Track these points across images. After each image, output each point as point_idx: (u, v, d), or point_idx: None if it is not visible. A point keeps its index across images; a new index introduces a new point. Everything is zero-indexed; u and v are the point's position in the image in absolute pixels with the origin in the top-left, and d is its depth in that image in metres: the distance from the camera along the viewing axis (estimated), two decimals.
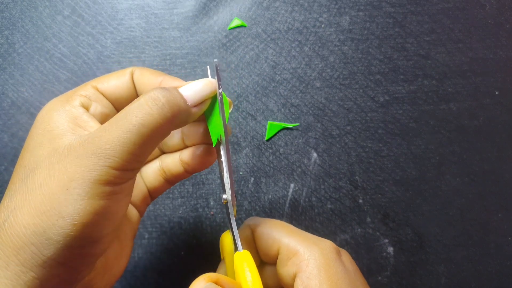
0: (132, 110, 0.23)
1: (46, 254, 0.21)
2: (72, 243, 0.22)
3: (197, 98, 0.26)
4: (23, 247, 0.21)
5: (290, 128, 0.42)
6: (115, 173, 0.22)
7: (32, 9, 0.43)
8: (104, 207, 0.22)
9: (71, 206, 0.21)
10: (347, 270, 0.27)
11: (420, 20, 0.44)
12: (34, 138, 0.24)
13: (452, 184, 0.41)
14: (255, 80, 0.43)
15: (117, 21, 0.43)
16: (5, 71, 0.42)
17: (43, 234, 0.21)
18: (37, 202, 0.22)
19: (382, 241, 0.40)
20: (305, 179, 0.41)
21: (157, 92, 0.23)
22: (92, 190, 0.22)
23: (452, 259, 0.40)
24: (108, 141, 0.22)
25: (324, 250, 0.27)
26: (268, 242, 0.28)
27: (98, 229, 0.22)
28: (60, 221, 0.21)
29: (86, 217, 0.22)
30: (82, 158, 0.22)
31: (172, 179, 0.30)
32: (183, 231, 0.40)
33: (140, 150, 0.23)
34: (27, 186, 0.23)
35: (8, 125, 0.41)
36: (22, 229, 0.22)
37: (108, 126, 0.23)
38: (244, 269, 0.24)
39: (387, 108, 0.42)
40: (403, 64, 0.43)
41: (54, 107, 0.25)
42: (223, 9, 0.44)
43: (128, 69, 0.28)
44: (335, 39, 0.43)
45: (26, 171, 0.23)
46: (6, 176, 0.40)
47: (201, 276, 0.24)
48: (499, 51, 0.43)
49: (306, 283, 0.25)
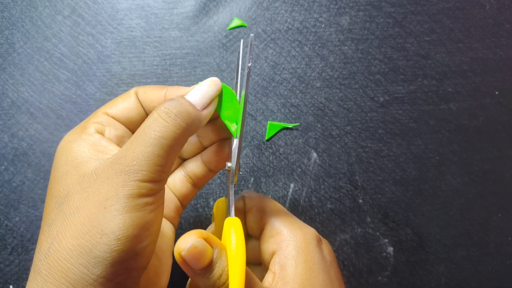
0: (149, 125, 0.24)
1: (95, 272, 0.22)
2: (117, 258, 0.22)
3: (205, 101, 0.26)
4: (72, 269, 0.22)
5: (290, 128, 0.42)
6: (146, 186, 0.23)
7: (32, 9, 0.43)
8: (141, 218, 0.23)
9: (111, 222, 0.22)
10: (324, 258, 0.28)
11: (420, 20, 0.44)
12: (59, 169, 0.25)
13: (452, 184, 0.41)
14: (255, 80, 0.43)
15: (117, 21, 0.43)
16: (5, 71, 0.42)
17: (89, 253, 0.22)
18: (78, 224, 0.23)
19: (382, 241, 0.40)
20: (305, 179, 0.41)
21: (167, 104, 0.25)
22: (128, 205, 0.23)
23: (452, 259, 0.40)
24: (134, 158, 0.23)
25: (306, 235, 0.28)
26: (257, 217, 0.29)
27: (139, 240, 0.23)
28: (104, 238, 0.22)
29: (127, 231, 0.22)
30: (112, 178, 0.23)
31: (199, 182, 0.31)
32: (183, 231, 0.40)
33: (164, 161, 0.24)
34: (64, 213, 0.23)
35: (8, 125, 0.41)
36: (68, 252, 0.22)
37: (130, 145, 0.24)
38: (231, 233, 0.25)
39: (387, 108, 0.42)
40: (403, 64, 0.43)
41: (72, 138, 0.26)
42: (223, 9, 0.44)
43: (131, 90, 0.29)
44: (335, 39, 0.43)
45: (59, 200, 0.24)
46: (6, 176, 0.40)
47: (192, 231, 0.24)
48: (499, 51, 0.44)
49: (283, 262, 0.27)
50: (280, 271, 0.27)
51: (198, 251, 0.24)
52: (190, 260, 0.24)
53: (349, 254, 0.40)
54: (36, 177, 0.40)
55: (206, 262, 0.24)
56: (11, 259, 0.39)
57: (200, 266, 0.24)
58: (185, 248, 0.24)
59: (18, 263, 0.38)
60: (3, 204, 0.39)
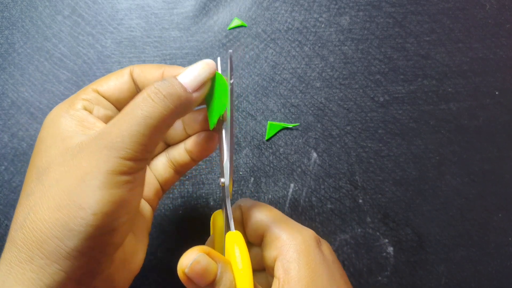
0: (137, 104, 0.24)
1: (69, 245, 0.22)
2: (93, 233, 0.22)
3: (196, 83, 0.26)
4: (47, 241, 0.22)
5: (290, 128, 0.42)
6: (127, 163, 0.23)
7: (32, 9, 0.43)
8: (120, 196, 0.23)
9: (89, 197, 0.22)
10: (326, 258, 0.28)
11: (420, 20, 0.44)
12: (44, 141, 0.25)
13: (452, 184, 0.41)
14: (255, 80, 0.43)
15: (117, 21, 0.43)
16: (5, 71, 0.42)
17: (65, 226, 0.22)
18: (56, 197, 0.23)
19: (382, 241, 0.40)
20: (305, 179, 0.41)
21: (157, 85, 0.24)
22: (107, 181, 0.23)
23: (452, 259, 0.40)
24: (118, 135, 0.23)
25: (305, 237, 0.28)
26: (256, 224, 0.29)
27: (116, 217, 0.23)
28: (81, 212, 0.22)
29: (104, 207, 0.22)
30: (95, 152, 0.23)
31: (181, 169, 0.31)
32: (183, 231, 0.40)
33: (149, 141, 0.24)
34: (43, 184, 0.23)
35: (8, 125, 0.41)
36: (44, 224, 0.22)
37: (116, 121, 0.24)
38: (234, 249, 0.25)
39: (387, 108, 0.42)
40: (403, 64, 0.43)
41: (59, 112, 0.26)
42: (223, 9, 0.44)
43: (126, 69, 0.29)
44: (335, 39, 0.43)
45: (40, 170, 0.24)
46: (6, 176, 0.40)
47: (194, 248, 0.24)
48: (499, 51, 0.43)
49: (286, 266, 0.27)
50: (284, 275, 0.27)
51: (202, 267, 0.23)
52: (194, 276, 0.23)
53: (349, 254, 0.40)
54: None
55: (211, 277, 0.24)
56: None
57: (205, 282, 0.23)
58: (188, 265, 0.23)
59: None
60: (3, 204, 0.39)
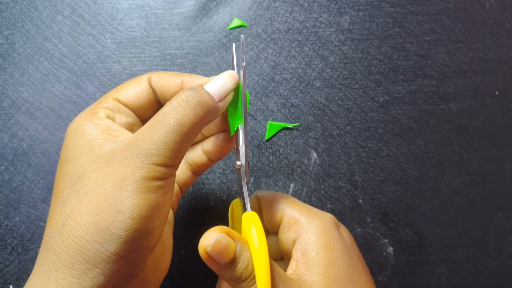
0: (168, 112, 0.25)
1: (109, 249, 0.23)
2: (131, 237, 0.23)
3: (222, 93, 0.27)
4: (86, 246, 0.23)
5: (290, 128, 0.42)
6: (160, 170, 0.24)
7: (32, 9, 0.43)
8: (155, 200, 0.24)
9: (127, 202, 0.23)
10: (344, 240, 0.28)
11: (420, 20, 0.44)
12: (72, 150, 0.26)
13: (452, 184, 0.41)
14: (255, 80, 0.43)
15: (117, 21, 0.43)
16: (5, 71, 0.42)
17: (105, 230, 0.23)
18: (93, 202, 0.23)
19: (382, 241, 0.40)
20: (305, 179, 0.41)
21: (187, 93, 0.25)
22: (143, 186, 0.24)
23: (452, 259, 0.40)
24: (152, 142, 0.24)
25: (324, 220, 0.29)
26: (273, 211, 0.30)
27: (152, 221, 0.24)
28: (120, 216, 0.23)
29: (141, 211, 0.23)
30: (129, 159, 0.24)
31: (198, 170, 0.32)
32: (183, 231, 0.40)
33: (180, 147, 0.25)
34: (78, 191, 0.24)
35: (8, 125, 0.41)
36: (83, 229, 0.23)
37: (148, 128, 0.25)
38: (251, 228, 0.25)
39: (387, 108, 0.42)
40: (403, 64, 0.43)
41: (82, 122, 0.27)
42: (223, 9, 0.44)
43: (144, 76, 0.29)
44: (335, 39, 0.43)
45: (73, 178, 0.25)
46: (6, 176, 0.40)
47: (214, 228, 0.25)
48: (499, 51, 0.43)
49: (304, 248, 0.27)
50: (302, 257, 0.27)
51: (222, 246, 0.24)
52: (215, 255, 0.24)
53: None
54: (36, 177, 0.40)
55: (231, 256, 0.24)
56: (11, 259, 0.39)
57: (226, 260, 0.24)
58: (210, 244, 0.24)
59: (18, 263, 0.39)
60: (3, 204, 0.39)
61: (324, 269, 0.26)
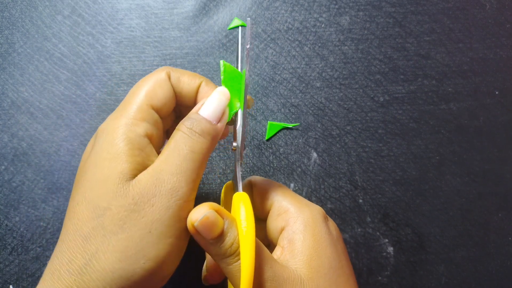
0: (179, 142, 0.25)
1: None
2: (153, 283, 0.24)
3: (218, 114, 0.28)
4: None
5: (290, 128, 0.42)
6: (184, 205, 0.25)
7: (32, 9, 0.43)
8: (178, 243, 0.25)
9: (155, 248, 0.23)
10: (331, 233, 0.29)
11: (420, 20, 0.44)
12: (99, 164, 0.25)
13: (453, 184, 0.41)
14: (255, 80, 0.43)
15: (117, 21, 0.43)
16: (5, 71, 0.42)
17: (130, 278, 0.23)
18: (121, 246, 0.23)
19: (382, 241, 0.40)
20: (305, 179, 0.41)
21: (188, 124, 0.26)
22: (171, 229, 0.24)
23: (452, 259, 0.40)
24: (172, 173, 0.25)
25: (313, 212, 0.29)
26: (264, 197, 0.31)
27: (174, 264, 0.25)
28: (147, 263, 0.23)
29: (167, 256, 0.24)
30: (156, 197, 0.24)
31: None
32: None
33: (196, 176, 0.26)
34: (104, 228, 0.24)
35: (8, 125, 0.41)
36: (108, 274, 0.23)
37: (165, 159, 0.25)
38: (240, 207, 0.26)
39: (387, 108, 0.42)
40: (403, 64, 0.43)
41: (118, 129, 0.26)
42: (223, 9, 0.44)
43: (162, 73, 0.29)
44: (335, 39, 0.43)
45: (98, 210, 0.24)
46: (6, 176, 0.40)
47: (204, 204, 0.25)
48: (499, 51, 0.43)
49: (291, 236, 0.28)
50: (288, 245, 0.28)
51: (210, 222, 0.24)
52: (202, 230, 0.25)
53: (349, 254, 0.40)
54: (36, 177, 0.40)
55: (218, 232, 0.25)
56: (11, 259, 0.39)
57: (212, 236, 0.25)
58: (198, 219, 0.24)
59: (18, 263, 0.38)
60: (3, 204, 0.39)
61: (309, 258, 0.27)
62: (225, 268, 0.25)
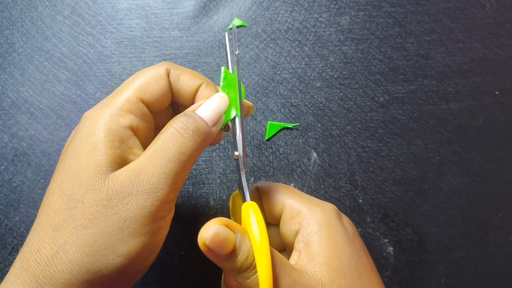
0: (167, 140, 0.24)
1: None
2: (122, 279, 0.23)
3: (215, 118, 0.27)
4: (76, 284, 0.22)
5: (290, 128, 0.42)
6: (162, 206, 0.24)
7: (32, 9, 0.43)
8: (152, 242, 0.24)
9: (126, 245, 0.23)
10: (346, 230, 0.28)
11: (420, 20, 0.44)
12: (78, 155, 0.24)
13: (453, 184, 0.41)
14: (255, 80, 0.43)
15: (117, 21, 0.43)
16: (5, 71, 0.42)
17: (97, 272, 0.22)
18: (90, 240, 0.23)
19: (382, 241, 0.40)
20: (305, 179, 0.41)
21: (183, 120, 0.25)
22: (143, 228, 0.23)
23: (452, 259, 0.40)
24: (155, 174, 0.24)
25: (326, 210, 0.28)
26: (274, 202, 0.30)
27: (146, 261, 0.24)
28: (117, 260, 0.23)
29: (138, 253, 0.23)
30: (132, 195, 0.23)
31: None
32: (183, 231, 0.40)
33: (180, 178, 0.25)
34: (75, 222, 0.23)
35: (8, 125, 0.41)
36: (75, 267, 0.22)
37: (149, 158, 0.24)
38: (250, 218, 0.25)
39: (387, 108, 0.42)
40: (403, 64, 0.43)
41: (101, 119, 0.25)
42: (223, 9, 0.44)
43: (161, 69, 0.28)
44: (335, 39, 0.43)
45: (71, 202, 0.24)
46: (6, 176, 0.40)
47: (213, 220, 0.25)
48: (499, 51, 0.43)
49: (307, 239, 0.27)
50: (304, 248, 0.27)
51: (221, 238, 0.24)
52: (214, 247, 0.24)
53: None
54: (36, 177, 0.40)
55: (231, 247, 0.24)
56: (11, 259, 0.39)
57: (225, 252, 0.24)
58: (209, 237, 0.24)
59: None
60: (3, 204, 0.39)
61: (328, 259, 0.26)
62: (243, 283, 0.25)
